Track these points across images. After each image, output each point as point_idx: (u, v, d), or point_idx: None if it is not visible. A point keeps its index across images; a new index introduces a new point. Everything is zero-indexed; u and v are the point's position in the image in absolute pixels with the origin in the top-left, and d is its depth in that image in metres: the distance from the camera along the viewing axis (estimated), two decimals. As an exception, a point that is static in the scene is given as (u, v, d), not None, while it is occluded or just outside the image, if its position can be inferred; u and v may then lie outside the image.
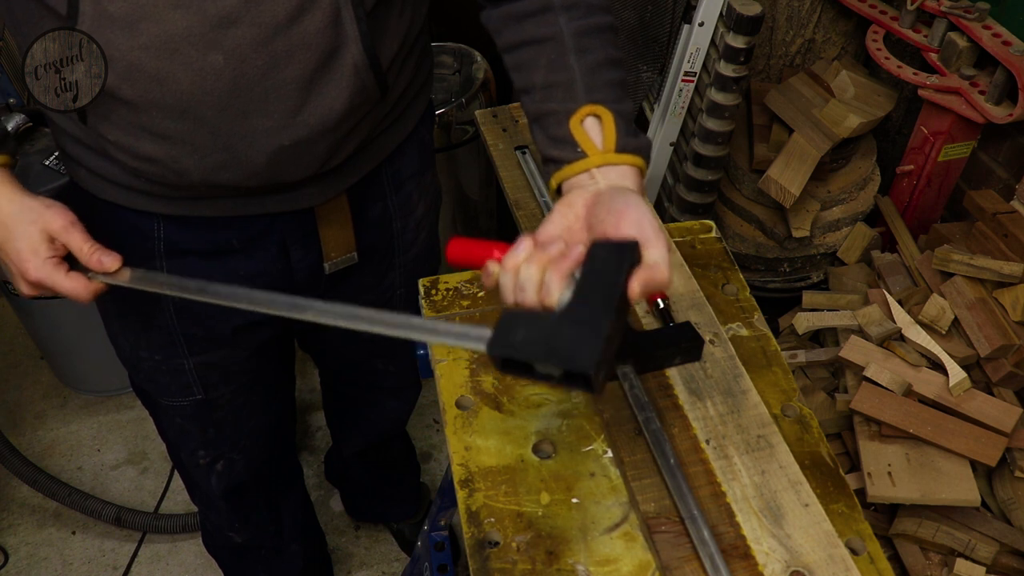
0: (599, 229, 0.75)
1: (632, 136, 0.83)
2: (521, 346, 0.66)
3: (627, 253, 0.69)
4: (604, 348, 0.64)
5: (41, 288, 0.92)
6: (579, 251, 0.71)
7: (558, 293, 0.70)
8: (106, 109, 0.89)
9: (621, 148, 0.82)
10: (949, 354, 1.46)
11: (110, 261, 0.91)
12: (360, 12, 0.89)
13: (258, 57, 0.86)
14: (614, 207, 0.74)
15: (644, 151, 0.83)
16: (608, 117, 0.83)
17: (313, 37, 0.87)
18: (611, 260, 0.69)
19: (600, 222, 0.75)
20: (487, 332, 0.67)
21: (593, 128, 0.83)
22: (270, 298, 0.83)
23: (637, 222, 0.72)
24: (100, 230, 0.96)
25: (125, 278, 0.92)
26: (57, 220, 0.90)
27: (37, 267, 0.90)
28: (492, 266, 0.74)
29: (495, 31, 0.93)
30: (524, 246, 0.73)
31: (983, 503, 1.41)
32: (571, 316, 0.66)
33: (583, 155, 0.82)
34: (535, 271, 0.71)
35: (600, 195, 0.77)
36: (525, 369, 0.67)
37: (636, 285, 0.68)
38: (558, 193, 0.85)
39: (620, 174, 0.81)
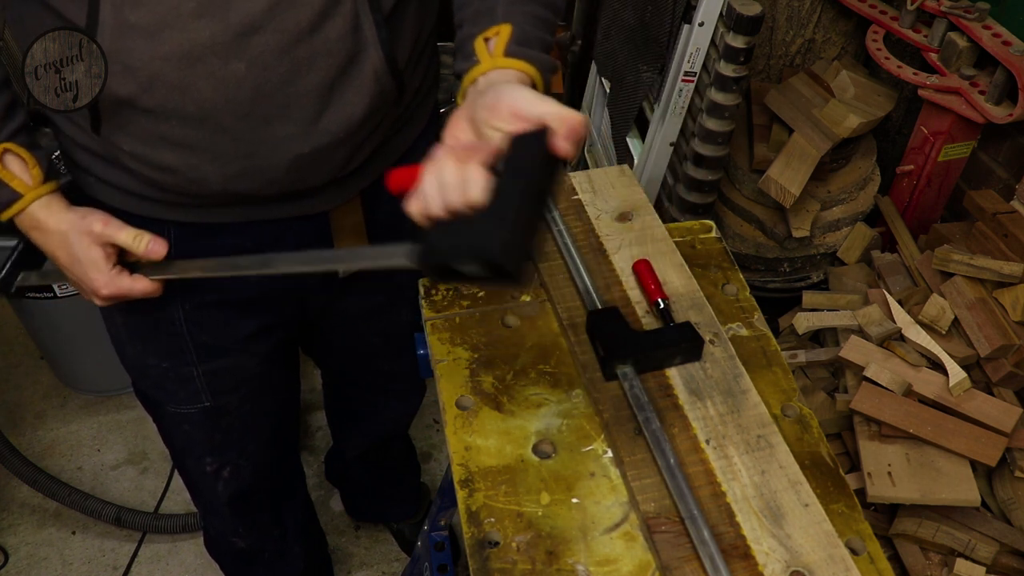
0: (482, 123, 0.74)
1: (528, 47, 0.83)
2: (448, 250, 0.67)
3: (538, 137, 0.69)
4: (511, 234, 0.65)
5: (116, 300, 0.97)
6: (490, 144, 0.71)
7: (480, 185, 0.68)
8: (123, 119, 0.89)
9: (509, 53, 0.82)
10: (949, 354, 1.46)
11: (157, 246, 0.95)
12: (379, 17, 0.90)
13: (280, 65, 0.86)
14: (487, 99, 0.74)
15: (538, 61, 0.83)
16: (506, 29, 0.83)
17: (334, 43, 0.87)
18: (525, 147, 0.69)
19: (481, 119, 0.74)
20: (410, 247, 0.68)
21: (493, 41, 0.84)
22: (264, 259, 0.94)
23: (514, 98, 0.72)
24: None
25: (174, 270, 0.97)
26: (96, 222, 0.94)
27: (106, 283, 0.94)
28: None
29: None
30: (440, 152, 0.72)
31: (983, 503, 1.40)
32: (486, 211, 0.67)
33: (476, 62, 0.83)
34: (453, 169, 0.69)
35: (475, 98, 0.77)
36: (458, 274, 0.68)
37: (560, 142, 0.68)
38: None
39: (503, 76, 0.81)
